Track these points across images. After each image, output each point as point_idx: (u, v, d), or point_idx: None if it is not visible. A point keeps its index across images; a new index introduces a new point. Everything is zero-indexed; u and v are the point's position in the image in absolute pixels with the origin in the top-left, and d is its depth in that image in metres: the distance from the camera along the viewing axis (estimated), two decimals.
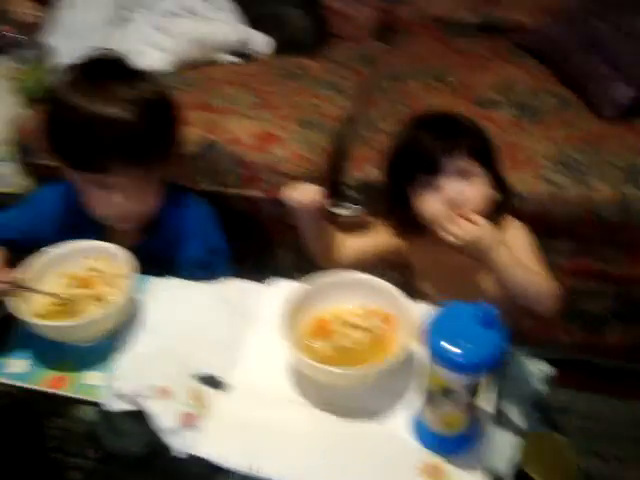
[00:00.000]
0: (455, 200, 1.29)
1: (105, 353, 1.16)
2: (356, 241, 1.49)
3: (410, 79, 2.19)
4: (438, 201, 1.31)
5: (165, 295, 1.27)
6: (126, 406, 1.06)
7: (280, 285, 1.27)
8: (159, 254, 1.37)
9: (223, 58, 2.22)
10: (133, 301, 1.22)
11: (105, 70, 1.33)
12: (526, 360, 1.13)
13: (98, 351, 1.17)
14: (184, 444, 1.01)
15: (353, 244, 1.48)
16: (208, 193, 1.61)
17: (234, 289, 1.28)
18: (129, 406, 1.06)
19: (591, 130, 1.91)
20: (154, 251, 1.35)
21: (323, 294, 1.15)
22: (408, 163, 1.36)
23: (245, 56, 2.25)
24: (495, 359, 0.90)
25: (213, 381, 1.11)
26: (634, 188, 1.75)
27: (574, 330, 1.96)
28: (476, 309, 0.90)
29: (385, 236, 1.48)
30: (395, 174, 1.41)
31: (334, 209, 1.33)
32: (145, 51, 2.05)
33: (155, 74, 1.43)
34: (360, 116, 2.06)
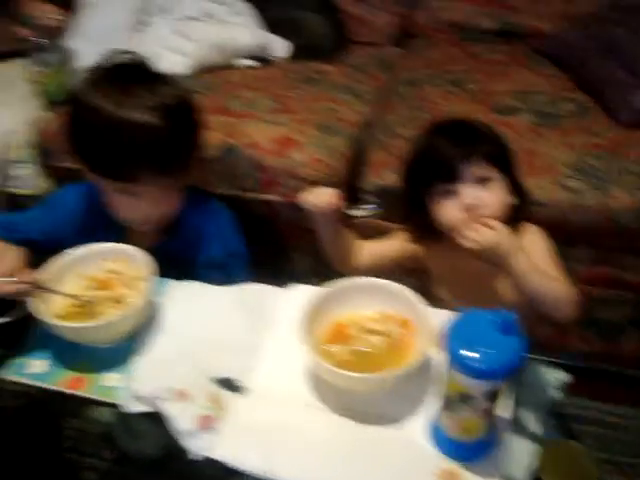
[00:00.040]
0: (472, 206, 1.29)
1: (123, 355, 1.17)
2: (373, 246, 1.49)
3: (427, 85, 2.19)
4: (456, 207, 1.31)
5: (183, 298, 1.27)
6: (144, 408, 1.07)
7: (298, 289, 1.27)
8: (178, 255, 1.37)
9: (241, 62, 2.22)
10: (152, 303, 1.22)
11: (129, 74, 1.34)
12: (542, 367, 1.13)
13: (116, 353, 1.17)
14: (201, 447, 1.01)
15: (370, 249, 1.48)
16: (226, 197, 1.62)
17: (252, 293, 1.28)
18: (147, 408, 1.07)
19: (609, 136, 1.89)
20: (173, 252, 1.35)
21: (341, 299, 1.14)
22: (426, 170, 1.36)
23: (263, 60, 2.25)
24: (514, 365, 0.90)
25: (231, 384, 1.11)
26: None
27: (590, 338, 1.94)
28: (495, 315, 0.89)
29: (402, 241, 1.48)
30: (413, 180, 1.41)
31: (350, 211, 1.34)
32: (164, 55, 2.06)
33: (176, 78, 1.43)
34: (378, 121, 2.05)
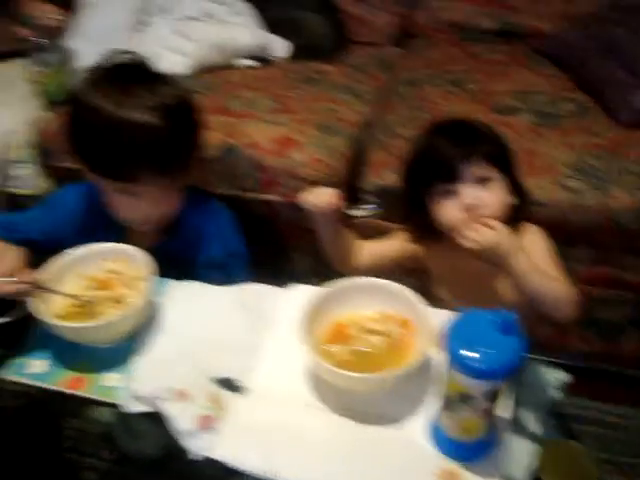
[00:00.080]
0: (472, 206, 1.29)
1: (123, 355, 1.17)
2: (373, 246, 1.49)
3: (427, 84, 2.19)
4: (456, 207, 1.31)
5: (183, 298, 1.27)
6: (144, 408, 1.07)
7: (298, 289, 1.27)
8: (178, 255, 1.37)
9: (241, 62, 2.22)
10: (152, 303, 1.22)
11: (129, 74, 1.34)
12: (542, 367, 1.13)
13: (116, 353, 1.17)
14: (201, 447, 1.01)
15: (370, 249, 1.48)
16: (226, 197, 1.62)
17: (252, 293, 1.28)
18: (147, 408, 1.07)
19: (609, 136, 1.89)
20: (172, 252, 1.35)
21: (341, 299, 1.14)
22: (425, 170, 1.36)
23: (263, 60, 2.25)
24: (514, 365, 0.90)
25: (231, 384, 1.11)
26: None
27: (590, 338, 1.94)
28: (495, 315, 0.89)
29: (402, 241, 1.48)
30: (413, 180, 1.41)
31: (350, 211, 1.34)
32: (164, 55, 2.06)
33: (176, 78, 1.42)
34: (378, 121, 2.05)
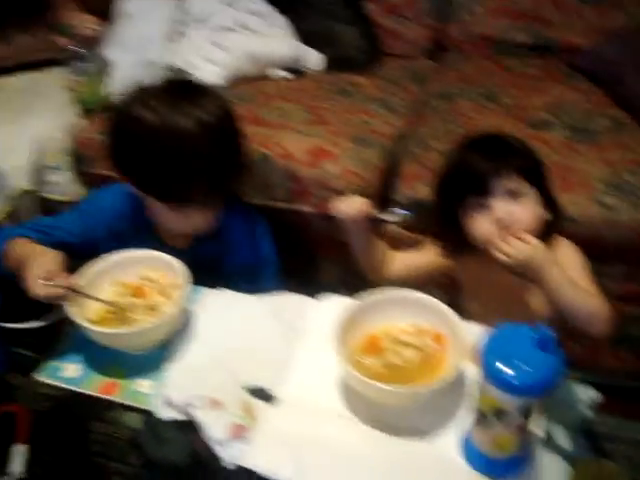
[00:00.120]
0: (504, 220, 1.28)
1: (156, 362, 1.18)
2: (405, 257, 1.49)
3: (460, 98, 2.18)
4: (488, 221, 1.30)
5: (216, 306, 1.28)
6: (176, 415, 1.07)
7: (330, 300, 1.28)
8: (208, 258, 1.39)
9: (275, 73, 2.23)
10: (185, 312, 1.23)
11: (180, 91, 1.33)
12: (573, 385, 1.12)
13: (150, 359, 1.18)
14: (233, 455, 1.02)
15: (402, 259, 1.49)
16: (257, 206, 1.62)
17: (285, 302, 1.29)
18: (179, 415, 1.07)
19: None
20: (203, 255, 1.37)
21: (375, 311, 1.15)
22: (458, 183, 1.36)
23: (297, 72, 2.26)
24: (550, 382, 0.89)
25: (262, 394, 1.11)
26: None
27: (623, 355, 1.92)
28: (532, 331, 0.89)
29: (433, 254, 1.48)
30: (445, 194, 1.41)
31: (382, 215, 1.35)
32: (199, 65, 2.09)
33: (218, 91, 1.41)
34: (411, 134, 2.05)
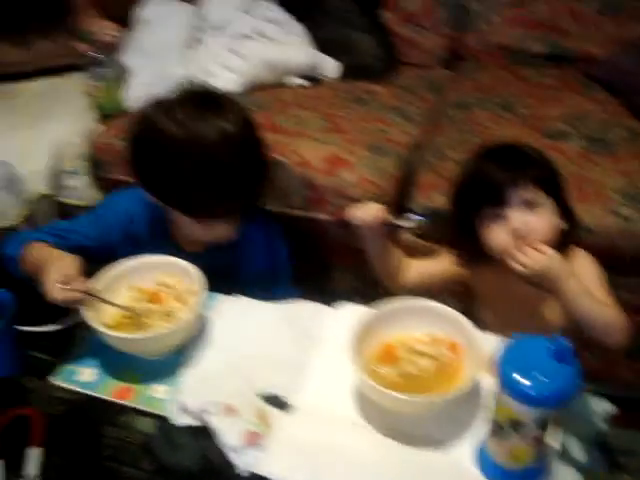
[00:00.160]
0: (521, 231, 1.28)
1: (172, 367, 1.18)
2: (421, 265, 1.50)
3: (477, 107, 2.18)
4: (504, 231, 1.30)
5: (232, 313, 1.28)
6: (191, 421, 1.07)
7: (345, 308, 1.28)
8: (225, 265, 1.39)
9: (292, 81, 2.24)
10: (201, 318, 1.24)
11: (204, 103, 1.32)
12: (588, 397, 1.11)
13: (165, 365, 1.19)
14: (247, 462, 1.02)
15: (418, 267, 1.49)
16: (273, 213, 1.63)
17: (300, 310, 1.29)
18: (194, 421, 1.07)
19: None
20: (220, 262, 1.37)
21: (390, 320, 1.15)
22: (474, 193, 1.36)
23: (314, 80, 2.27)
24: (567, 394, 0.89)
25: (277, 401, 1.11)
26: None
27: (637, 367, 1.91)
28: (549, 342, 0.88)
29: (448, 263, 1.48)
30: (461, 203, 1.41)
31: (397, 220, 1.36)
32: (217, 72, 2.10)
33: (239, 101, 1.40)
34: (427, 143, 2.05)
